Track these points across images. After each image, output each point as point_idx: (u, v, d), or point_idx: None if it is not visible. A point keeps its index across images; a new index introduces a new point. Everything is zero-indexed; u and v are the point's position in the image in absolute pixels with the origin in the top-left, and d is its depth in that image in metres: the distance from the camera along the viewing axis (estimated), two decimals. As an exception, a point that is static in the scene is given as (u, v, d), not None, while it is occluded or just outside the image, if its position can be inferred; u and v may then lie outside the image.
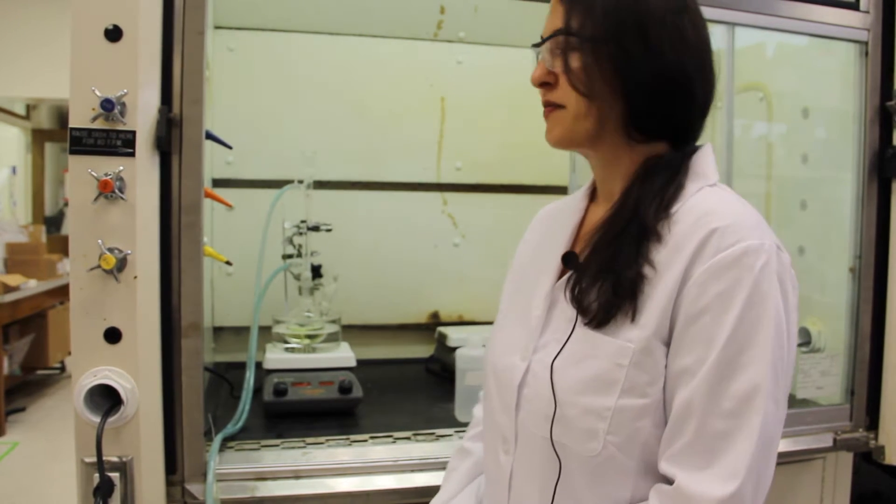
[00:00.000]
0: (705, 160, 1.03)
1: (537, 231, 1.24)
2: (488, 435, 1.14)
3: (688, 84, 0.99)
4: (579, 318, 0.98)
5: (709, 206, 0.95)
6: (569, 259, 1.01)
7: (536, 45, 1.04)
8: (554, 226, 1.17)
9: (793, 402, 1.82)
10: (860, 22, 1.76)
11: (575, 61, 0.99)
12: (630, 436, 0.94)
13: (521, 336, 1.08)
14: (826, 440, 1.76)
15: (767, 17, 1.70)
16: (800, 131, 2.05)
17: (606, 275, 0.96)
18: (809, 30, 1.75)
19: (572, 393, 0.96)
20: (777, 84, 2.06)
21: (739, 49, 1.75)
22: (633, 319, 0.94)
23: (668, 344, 0.93)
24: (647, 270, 0.94)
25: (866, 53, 1.77)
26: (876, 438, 1.79)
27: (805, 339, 1.91)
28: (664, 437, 0.93)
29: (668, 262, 0.93)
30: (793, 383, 1.80)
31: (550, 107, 1.04)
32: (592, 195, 1.16)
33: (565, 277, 1.03)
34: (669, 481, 0.91)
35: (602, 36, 0.98)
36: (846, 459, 1.85)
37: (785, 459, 1.74)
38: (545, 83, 1.03)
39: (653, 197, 0.98)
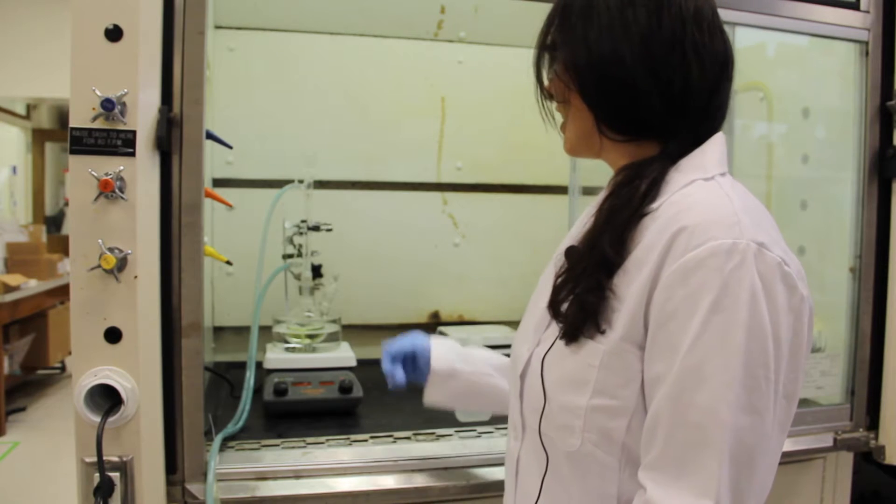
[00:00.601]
0: (710, 151, 0.99)
1: (576, 225, 1.23)
2: (509, 419, 1.16)
3: (628, 76, 0.95)
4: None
5: (688, 202, 0.91)
6: (569, 254, 1.02)
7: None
8: (581, 219, 1.17)
9: (793, 402, 1.82)
10: (860, 22, 1.76)
11: (549, 73, 1.03)
12: (606, 435, 0.93)
13: (531, 327, 1.09)
14: (826, 440, 1.76)
15: (768, 17, 1.70)
16: (800, 131, 2.05)
17: (572, 295, 0.96)
18: (810, 29, 1.75)
19: (554, 389, 0.98)
20: (777, 84, 2.06)
21: (740, 49, 1.75)
22: (602, 332, 0.92)
23: (642, 347, 0.90)
24: (606, 295, 0.92)
25: (867, 53, 1.77)
26: (876, 438, 1.79)
27: (805, 339, 1.91)
28: (642, 445, 0.90)
29: (640, 261, 0.90)
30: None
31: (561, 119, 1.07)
32: None
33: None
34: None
35: (555, 42, 1.01)
36: (846, 459, 1.85)
37: (785, 459, 1.73)
38: (546, 97, 1.07)
39: (608, 223, 0.95)
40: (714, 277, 0.83)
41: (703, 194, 0.92)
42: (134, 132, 1.24)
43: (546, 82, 1.05)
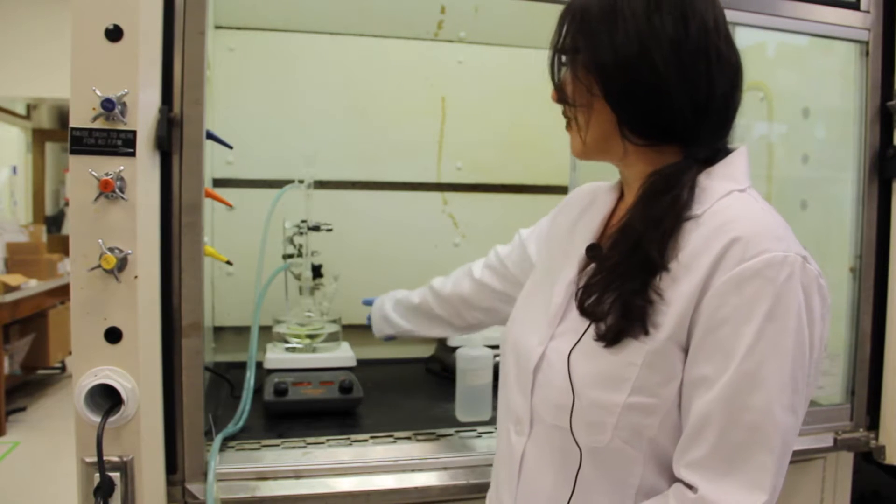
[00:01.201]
0: (739, 163, 1.03)
1: (569, 215, 1.24)
2: (501, 413, 1.18)
3: (660, 81, 0.97)
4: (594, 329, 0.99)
5: (734, 212, 0.94)
6: (593, 251, 1.03)
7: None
8: (585, 215, 1.18)
9: (793, 401, 1.82)
10: (861, 22, 1.76)
11: (566, 75, 1.04)
12: (638, 431, 0.95)
13: (541, 320, 1.09)
14: (826, 440, 1.76)
15: (769, 17, 1.70)
16: (800, 131, 2.05)
17: (615, 298, 0.96)
18: (810, 29, 1.75)
19: (583, 386, 0.98)
20: (778, 84, 2.06)
21: (740, 49, 1.75)
22: (647, 334, 0.94)
23: (684, 349, 0.94)
24: (653, 298, 0.94)
25: (867, 53, 1.77)
26: (876, 438, 1.79)
27: (805, 339, 1.91)
28: (681, 444, 0.94)
29: (687, 266, 0.93)
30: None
31: (567, 120, 1.07)
32: (622, 188, 1.16)
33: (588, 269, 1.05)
34: (688, 487, 0.92)
35: (576, 45, 1.02)
36: (846, 459, 1.85)
37: (785, 459, 1.74)
38: (560, 100, 1.06)
39: (653, 229, 0.96)
40: (769, 288, 0.88)
41: (745, 206, 0.96)
42: (134, 132, 1.24)
43: (557, 86, 1.06)
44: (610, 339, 0.96)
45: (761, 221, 0.93)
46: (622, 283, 0.96)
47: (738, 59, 1.04)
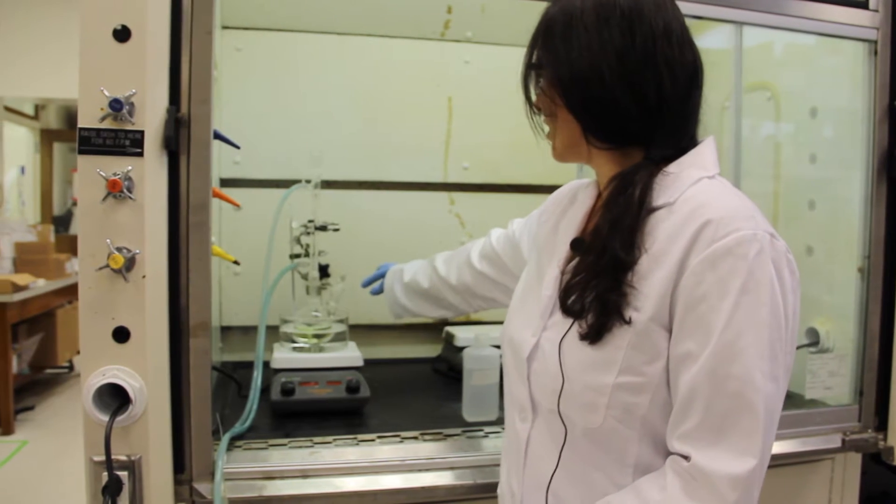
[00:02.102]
0: (707, 152, 1.09)
1: (554, 213, 1.30)
2: (507, 403, 1.24)
3: (607, 90, 1.03)
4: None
5: (705, 197, 1.00)
6: (577, 245, 1.11)
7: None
8: (567, 212, 1.25)
9: (801, 402, 1.81)
10: (869, 21, 1.75)
11: (535, 88, 1.13)
12: (629, 409, 1.02)
13: (534, 314, 1.16)
14: (835, 441, 1.75)
15: (776, 17, 1.70)
16: (808, 131, 2.05)
17: (593, 297, 1.03)
18: (818, 29, 1.75)
19: (574, 371, 1.05)
20: (785, 83, 2.06)
21: (747, 49, 1.74)
22: (628, 323, 1.00)
23: (667, 328, 0.99)
24: (628, 290, 1.00)
25: (875, 52, 1.76)
26: (885, 439, 1.79)
27: (813, 340, 1.90)
28: (672, 418, 0.99)
29: (663, 251, 0.99)
30: (802, 383, 1.80)
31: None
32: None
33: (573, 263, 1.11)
34: (683, 458, 0.97)
35: (540, 61, 1.11)
36: (855, 460, 1.84)
37: (793, 460, 1.74)
38: (532, 111, 1.17)
39: (614, 230, 1.03)
40: (741, 263, 0.94)
41: (716, 191, 1.03)
42: (142, 132, 1.25)
43: (534, 97, 1.15)
44: (592, 336, 1.02)
45: (730, 204, 0.99)
46: (598, 282, 1.03)
47: (696, 59, 1.09)
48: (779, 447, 1.66)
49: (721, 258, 0.94)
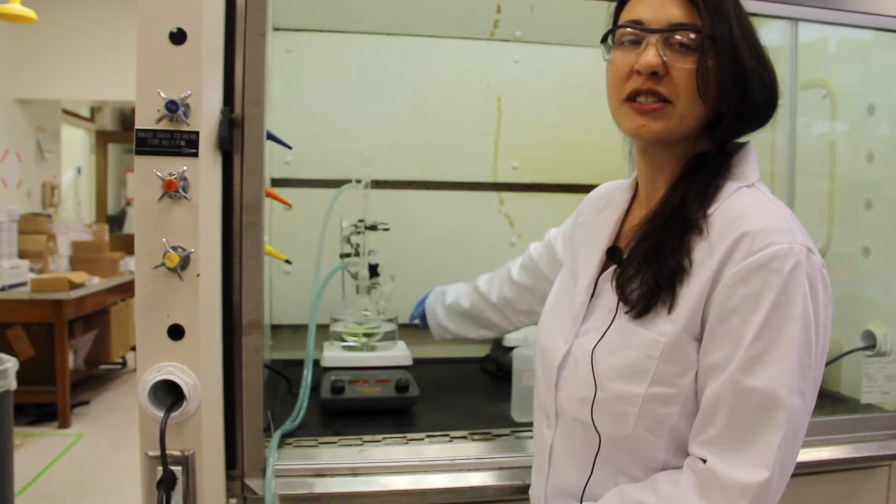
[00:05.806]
0: (747, 160, 1.08)
1: (588, 217, 1.31)
2: (536, 408, 1.25)
3: (757, 90, 1.04)
4: (620, 308, 1.05)
5: (742, 209, 1.00)
6: (613, 254, 1.10)
7: (655, 31, 1.03)
8: (601, 215, 1.25)
9: (857, 407, 1.77)
10: (931, 15, 1.70)
11: (703, 61, 1.01)
12: (658, 420, 1.02)
13: (566, 320, 1.16)
14: (892, 447, 1.71)
15: (833, 12, 1.66)
16: (865, 129, 2.00)
17: (649, 264, 1.03)
18: (877, 24, 1.70)
19: (606, 379, 1.05)
20: (840, 80, 2.01)
21: (801, 45, 1.71)
22: (669, 311, 1.00)
23: (698, 339, 1.00)
24: (685, 264, 1.00)
25: (937, 48, 1.72)
26: (945, 445, 1.74)
27: (870, 343, 1.86)
28: (696, 425, 1.00)
29: (701, 260, 0.99)
30: (857, 388, 1.76)
31: (655, 99, 1.04)
32: (636, 191, 1.21)
33: (609, 270, 1.11)
34: (701, 460, 0.98)
35: (729, 41, 1.02)
36: (913, 467, 1.80)
37: (848, 466, 1.70)
38: (656, 73, 1.03)
39: (696, 193, 1.04)
40: (775, 278, 0.94)
41: (751, 202, 1.02)
42: (197, 133, 1.26)
43: (693, 68, 1.03)
44: (641, 306, 1.02)
45: (767, 216, 0.99)
46: (658, 247, 1.03)
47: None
48: (832, 452, 1.64)
49: (755, 273, 0.94)
